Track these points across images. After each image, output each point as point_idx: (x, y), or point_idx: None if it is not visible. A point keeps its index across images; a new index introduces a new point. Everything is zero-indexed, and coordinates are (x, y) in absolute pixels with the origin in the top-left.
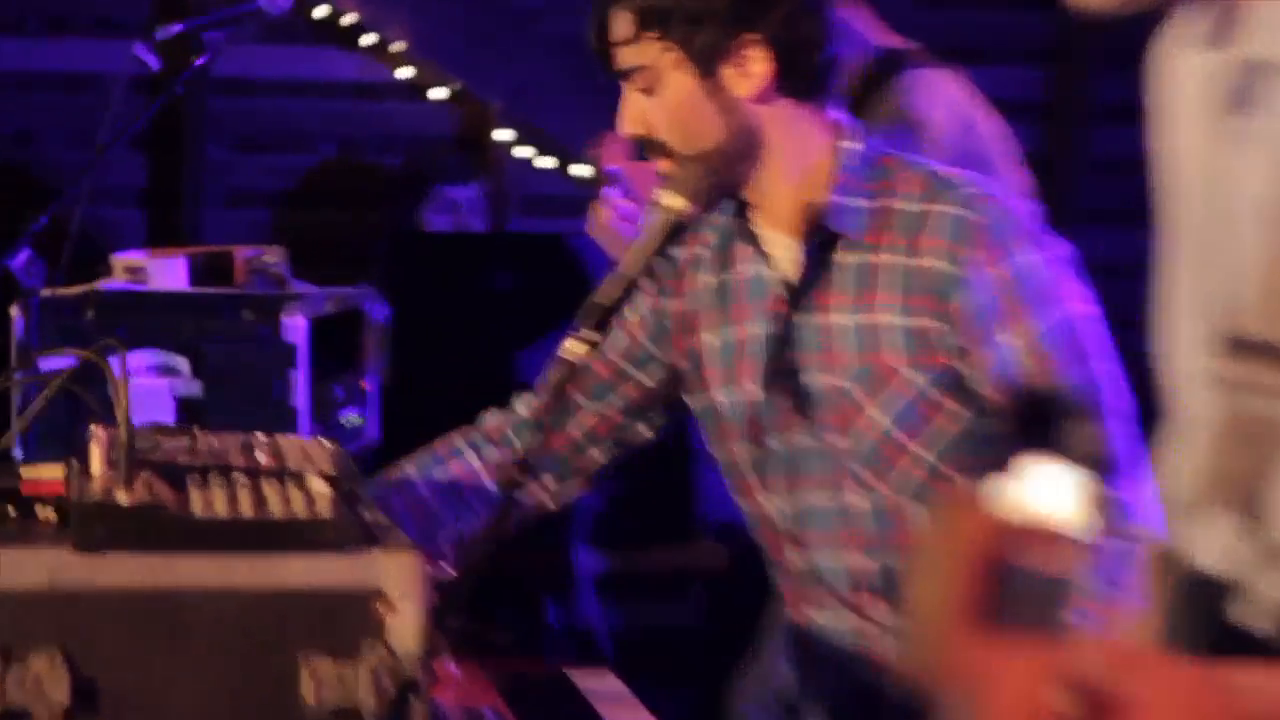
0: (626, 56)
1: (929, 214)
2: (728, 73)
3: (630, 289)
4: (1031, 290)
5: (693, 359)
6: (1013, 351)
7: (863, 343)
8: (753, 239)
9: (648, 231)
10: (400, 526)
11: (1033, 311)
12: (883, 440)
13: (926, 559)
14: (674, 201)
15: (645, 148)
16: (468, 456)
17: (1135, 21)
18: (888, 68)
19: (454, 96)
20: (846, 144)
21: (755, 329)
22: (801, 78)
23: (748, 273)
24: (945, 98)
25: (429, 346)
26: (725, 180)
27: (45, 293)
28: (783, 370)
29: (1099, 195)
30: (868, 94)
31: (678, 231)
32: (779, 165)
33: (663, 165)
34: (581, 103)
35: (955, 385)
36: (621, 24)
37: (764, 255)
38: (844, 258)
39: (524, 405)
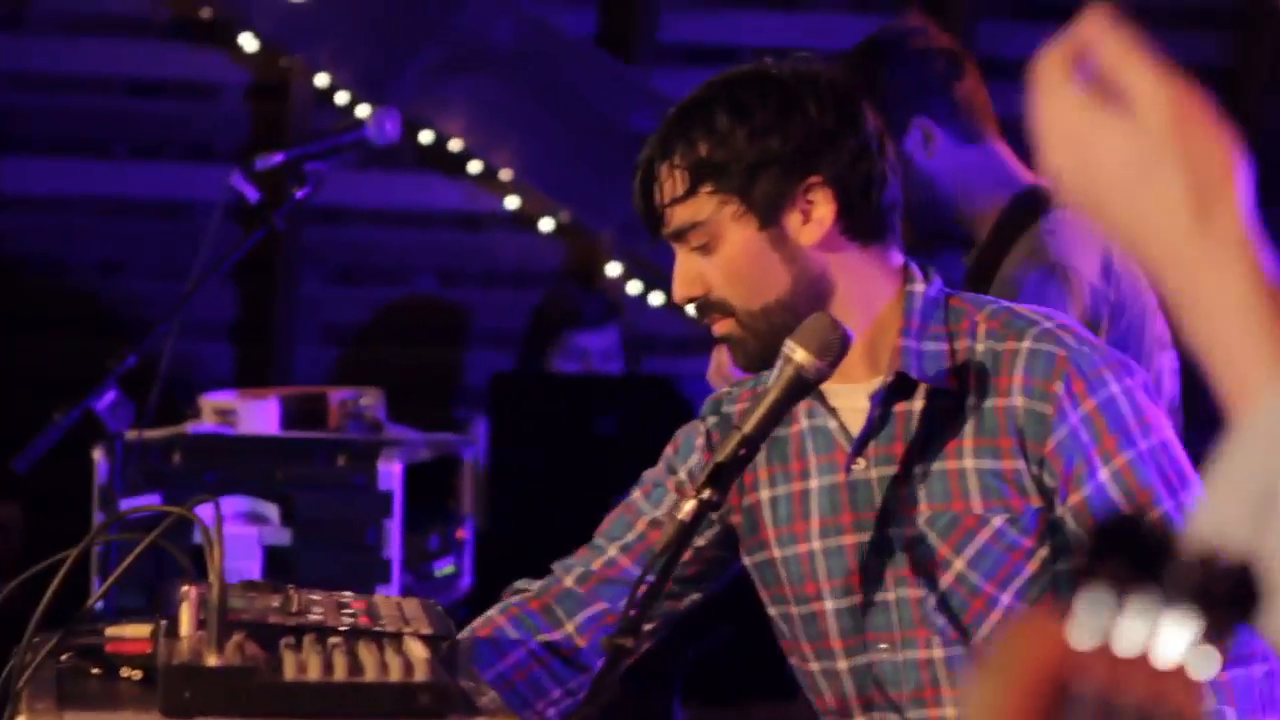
0: (679, 215)
1: (1009, 352)
2: (790, 220)
3: (750, 448)
4: (1119, 421)
5: (748, 516)
6: (1107, 486)
7: (939, 490)
8: (816, 392)
9: (772, 388)
10: (504, 690)
11: (1122, 443)
12: (960, 586)
13: (989, 676)
14: (801, 356)
15: (702, 310)
16: (548, 624)
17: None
18: (1031, 206)
19: (561, 228)
20: (914, 287)
21: (816, 483)
22: (866, 220)
23: (808, 425)
24: (1088, 241)
25: (529, 491)
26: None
27: (131, 435)
28: (852, 524)
29: None
30: (1008, 232)
31: (803, 389)
32: (845, 313)
33: (723, 326)
34: None
35: (1039, 526)
36: (672, 181)
37: (829, 408)
38: (914, 405)
39: (567, 573)
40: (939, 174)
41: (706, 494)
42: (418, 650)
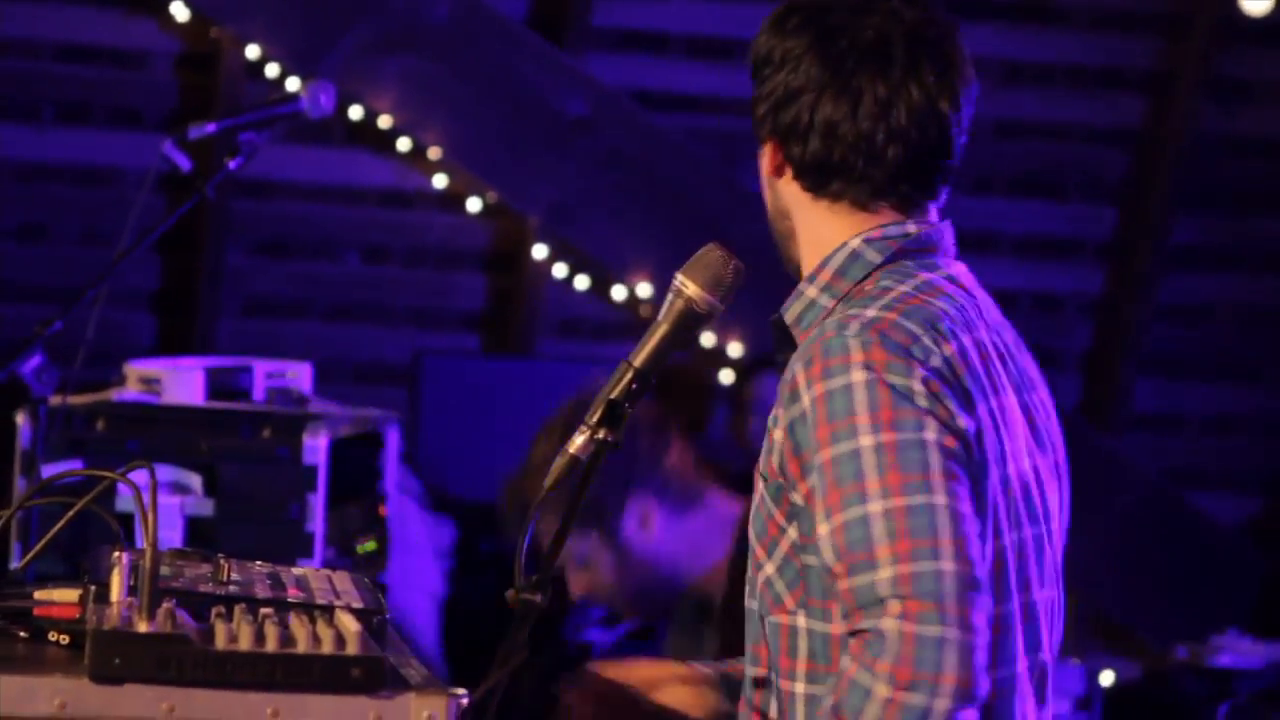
0: None
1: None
2: (764, 151)
3: (641, 382)
4: (835, 414)
5: None
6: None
7: (764, 447)
8: None
9: (662, 320)
10: None
11: (832, 438)
12: (753, 547)
13: None
14: (692, 290)
15: None
16: None
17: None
18: None
19: (489, 209)
20: (854, 243)
21: None
22: (802, 169)
23: None
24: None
25: (449, 469)
26: (787, 259)
27: (55, 401)
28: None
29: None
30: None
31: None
32: (802, 253)
33: None
34: (627, 221)
35: (782, 500)
36: None
37: None
38: (789, 355)
39: None
40: (661, 552)
41: (602, 433)
42: (349, 623)
